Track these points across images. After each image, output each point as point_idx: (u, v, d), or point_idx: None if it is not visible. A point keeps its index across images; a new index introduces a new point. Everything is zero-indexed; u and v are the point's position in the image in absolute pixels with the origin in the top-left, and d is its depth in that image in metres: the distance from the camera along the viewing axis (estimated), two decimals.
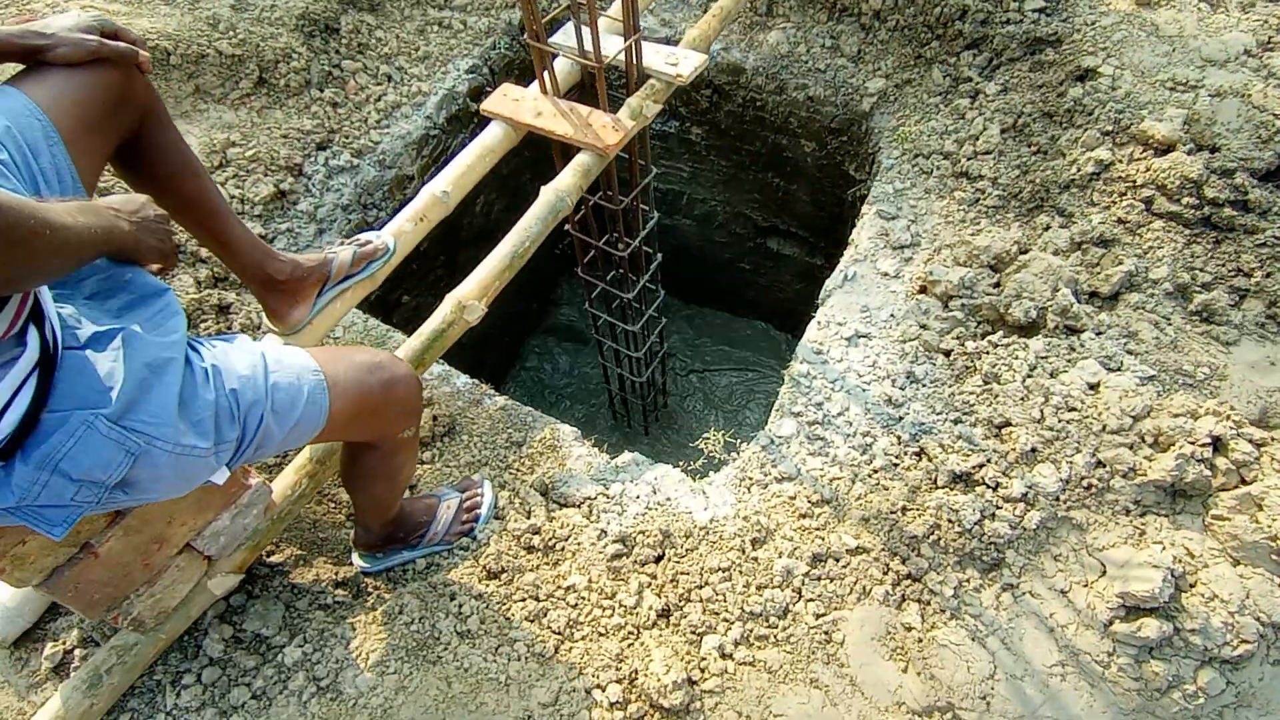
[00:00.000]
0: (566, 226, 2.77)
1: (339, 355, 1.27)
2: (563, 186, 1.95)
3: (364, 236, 1.84)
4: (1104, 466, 1.63)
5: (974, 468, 1.69)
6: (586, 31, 1.91)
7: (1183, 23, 2.52)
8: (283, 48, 2.65)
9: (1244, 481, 1.54)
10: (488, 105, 2.11)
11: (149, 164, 1.26)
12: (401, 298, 3.17)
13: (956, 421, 1.85)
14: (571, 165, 2.00)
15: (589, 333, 3.64)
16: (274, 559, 1.66)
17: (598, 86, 2.00)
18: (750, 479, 1.90)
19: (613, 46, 2.01)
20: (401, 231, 1.88)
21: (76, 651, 1.50)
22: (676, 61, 2.10)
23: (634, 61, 2.07)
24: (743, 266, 4.46)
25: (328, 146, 2.60)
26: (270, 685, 1.46)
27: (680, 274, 4.79)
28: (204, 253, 2.19)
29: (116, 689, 1.44)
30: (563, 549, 1.73)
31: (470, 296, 1.75)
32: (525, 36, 2.15)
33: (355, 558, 1.69)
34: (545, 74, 2.06)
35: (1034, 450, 1.69)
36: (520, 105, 2.09)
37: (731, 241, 4.31)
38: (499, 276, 1.80)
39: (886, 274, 2.29)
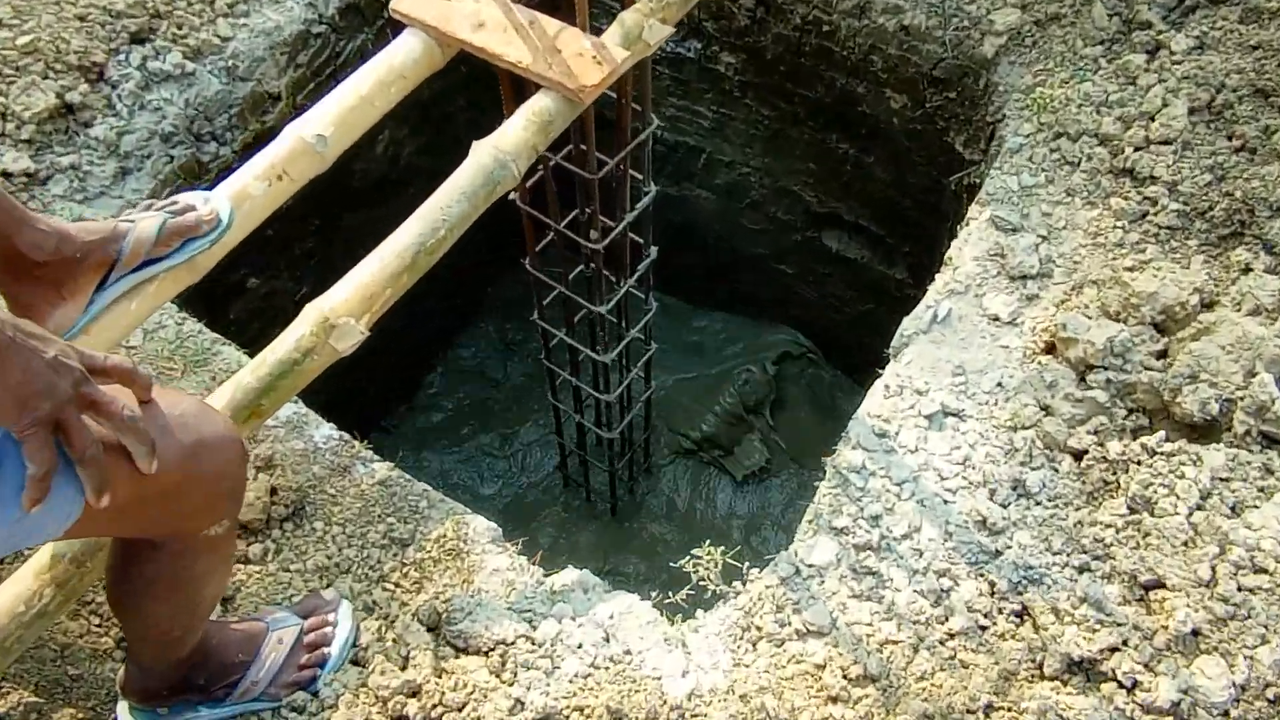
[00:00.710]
0: (512, 195, 2.79)
1: None
2: (507, 145, 1.95)
3: (184, 198, 1.83)
4: None
5: (1102, 652, 1.70)
6: None
7: None
8: None
9: None
10: (400, 3, 2.11)
11: None
12: (246, 280, 3.19)
13: (1082, 570, 1.86)
14: (525, 112, 2.01)
15: (537, 358, 3.66)
16: None
17: None
18: (758, 630, 1.90)
19: None
20: (246, 195, 1.87)
21: None
22: None
23: None
24: (783, 269, 4.54)
25: (148, 39, 2.60)
26: None
27: (686, 270, 4.84)
28: None
29: None
30: None
31: (344, 311, 1.75)
32: None
33: (121, 711, 1.67)
34: None
35: (1196, 633, 1.70)
36: (453, 8, 2.10)
37: (769, 229, 4.39)
38: (392, 283, 1.80)
39: (997, 318, 2.32)
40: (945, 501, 2.02)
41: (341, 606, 1.88)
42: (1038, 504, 1.99)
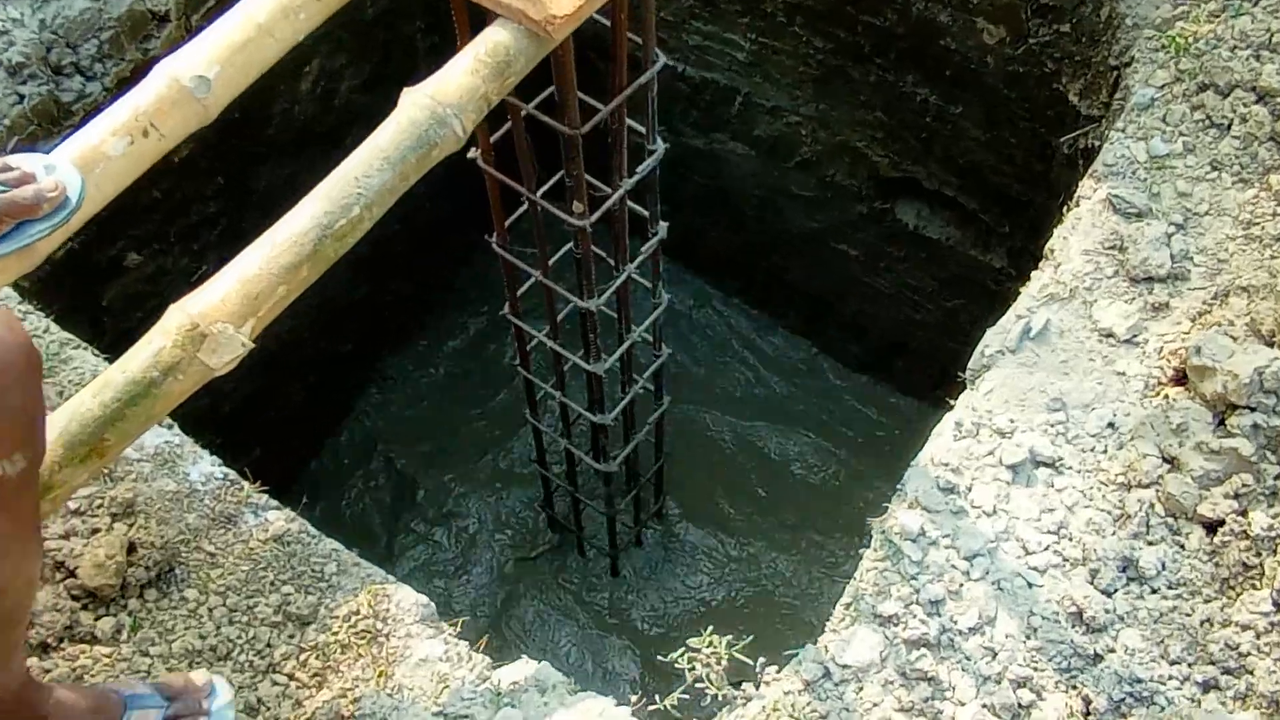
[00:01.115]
0: (473, 154, 2.75)
1: None
2: (448, 95, 1.90)
3: (18, 162, 1.79)
4: None
5: None
6: None
7: None
8: None
9: None
10: None
11: None
12: (124, 257, 3.18)
13: (1207, 688, 1.80)
14: (473, 51, 1.96)
15: (510, 364, 3.65)
16: None
17: None
18: None
19: None
20: (100, 156, 1.84)
21: None
22: None
23: None
24: (843, 250, 4.51)
25: None
26: None
27: (711, 249, 4.84)
28: None
29: None
30: None
31: (220, 316, 1.71)
32: None
33: None
34: None
35: None
36: None
37: (825, 198, 4.36)
38: (286, 278, 1.76)
39: (1112, 335, 2.27)
40: (1030, 584, 1.97)
41: (217, 691, 1.83)
42: (1154, 592, 1.94)
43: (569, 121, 2.45)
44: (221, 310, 1.72)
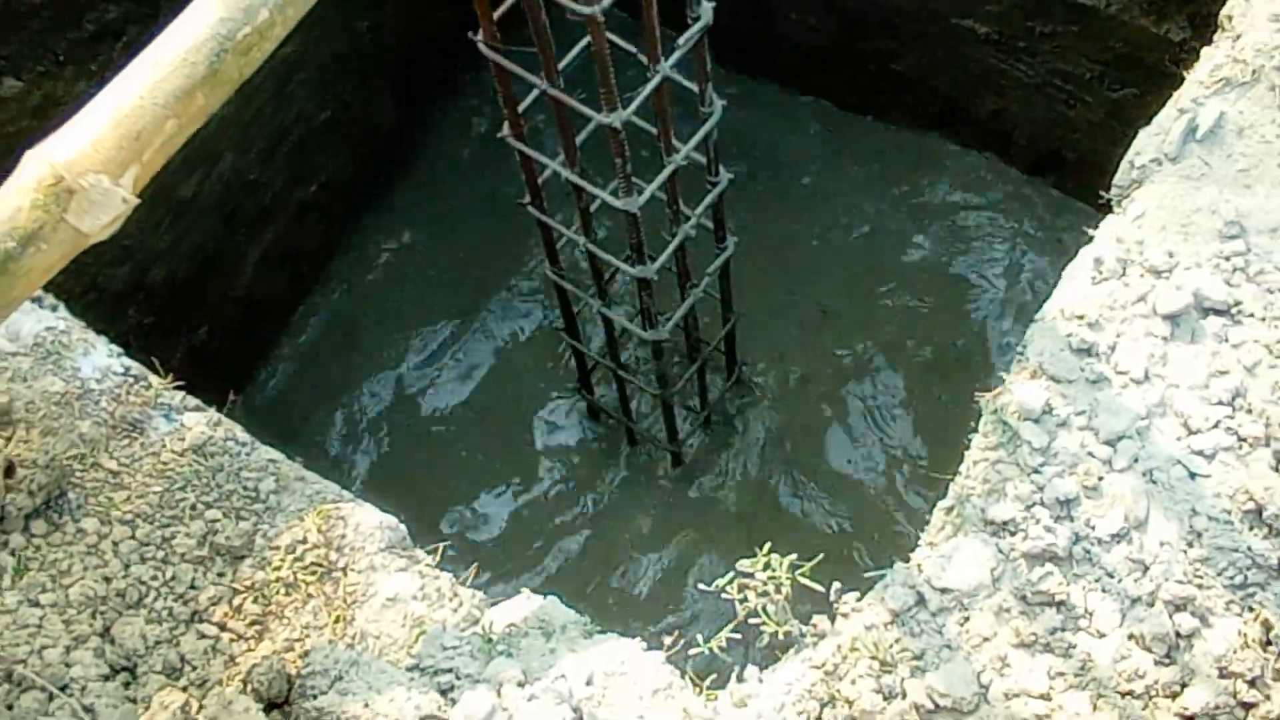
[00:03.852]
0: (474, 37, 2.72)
1: None
2: None
3: None
4: None
5: None
6: None
7: None
8: None
9: None
10: None
11: None
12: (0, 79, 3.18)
13: None
14: None
15: (517, 201, 3.64)
16: None
17: None
18: (847, 704, 1.87)
19: None
20: None
21: None
22: None
23: None
24: (970, 27, 4.41)
25: None
26: None
27: (791, 38, 4.78)
28: None
29: None
30: None
31: (92, 164, 1.72)
32: None
33: None
34: None
35: None
36: None
37: None
38: (176, 110, 1.77)
39: None
40: (1193, 475, 1.96)
41: None
42: None
43: None
44: (94, 158, 1.73)
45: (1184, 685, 1.82)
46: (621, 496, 4.35)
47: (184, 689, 1.93)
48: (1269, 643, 1.83)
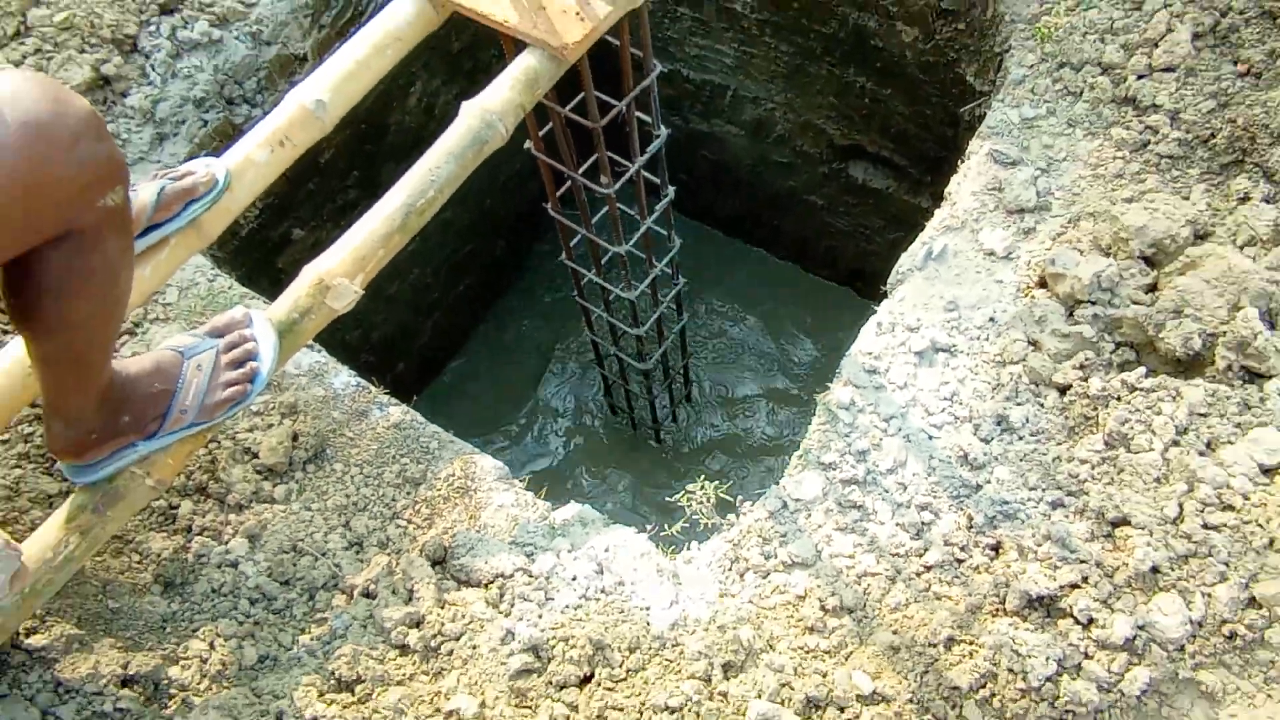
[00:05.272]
0: (528, 146, 2.73)
1: None
2: (494, 105, 1.89)
3: (185, 166, 1.81)
4: (1260, 608, 1.55)
5: (1062, 589, 1.63)
6: None
7: None
8: None
9: None
10: None
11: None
12: (290, 232, 3.18)
13: (1055, 506, 1.78)
14: (511, 71, 1.94)
15: (570, 296, 3.63)
16: (33, 640, 1.69)
17: None
18: (745, 562, 1.87)
19: None
20: (250, 162, 1.85)
21: None
22: None
23: None
24: (813, 200, 4.39)
25: (176, 10, 2.56)
26: None
27: (722, 205, 4.75)
28: None
29: None
30: (451, 653, 1.73)
31: (338, 273, 1.73)
32: None
33: (62, 468, 1.61)
34: None
35: (1156, 570, 1.61)
36: None
37: (797, 163, 4.25)
38: (383, 244, 1.78)
39: (993, 253, 2.21)
40: (930, 437, 1.96)
41: (256, 319, 1.72)
42: (1019, 439, 1.91)
43: (591, 117, 2.42)
44: (340, 269, 1.75)
45: (926, 549, 1.81)
46: (625, 453, 4.34)
47: (388, 555, 1.93)
48: (970, 526, 1.82)
